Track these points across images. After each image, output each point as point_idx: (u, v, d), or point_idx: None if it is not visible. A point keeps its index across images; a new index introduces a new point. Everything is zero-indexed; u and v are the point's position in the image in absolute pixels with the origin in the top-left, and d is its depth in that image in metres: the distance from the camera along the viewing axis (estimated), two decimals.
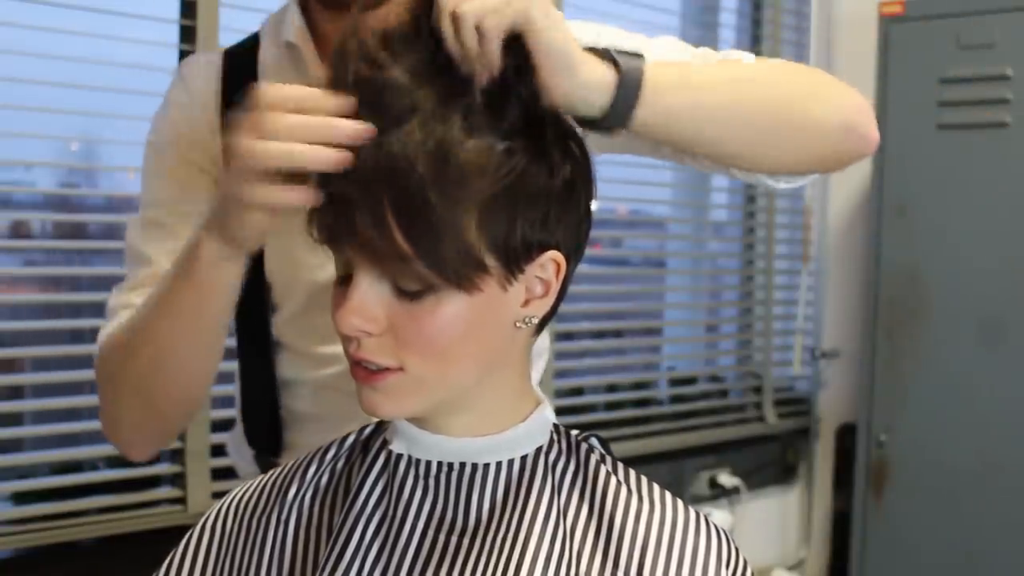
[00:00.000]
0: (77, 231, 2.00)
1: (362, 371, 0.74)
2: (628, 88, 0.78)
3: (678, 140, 0.85)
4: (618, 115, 0.79)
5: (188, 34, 1.89)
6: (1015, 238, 2.39)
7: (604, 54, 0.79)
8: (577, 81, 0.75)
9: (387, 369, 0.73)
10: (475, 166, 0.68)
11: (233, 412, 2.06)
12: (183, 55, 1.89)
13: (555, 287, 0.75)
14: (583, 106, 0.77)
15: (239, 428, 1.18)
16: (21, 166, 1.95)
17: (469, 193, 0.68)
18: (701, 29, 2.91)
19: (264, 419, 1.13)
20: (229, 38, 1.90)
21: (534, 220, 0.71)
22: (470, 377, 0.75)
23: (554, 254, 0.74)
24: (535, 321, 0.77)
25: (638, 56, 0.80)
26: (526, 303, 0.75)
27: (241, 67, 1.10)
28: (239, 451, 1.19)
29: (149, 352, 0.92)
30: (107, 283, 2.03)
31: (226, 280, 0.85)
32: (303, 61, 1.08)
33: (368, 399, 0.74)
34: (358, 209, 0.69)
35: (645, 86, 0.79)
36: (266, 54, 1.11)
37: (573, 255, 0.77)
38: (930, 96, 2.50)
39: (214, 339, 0.93)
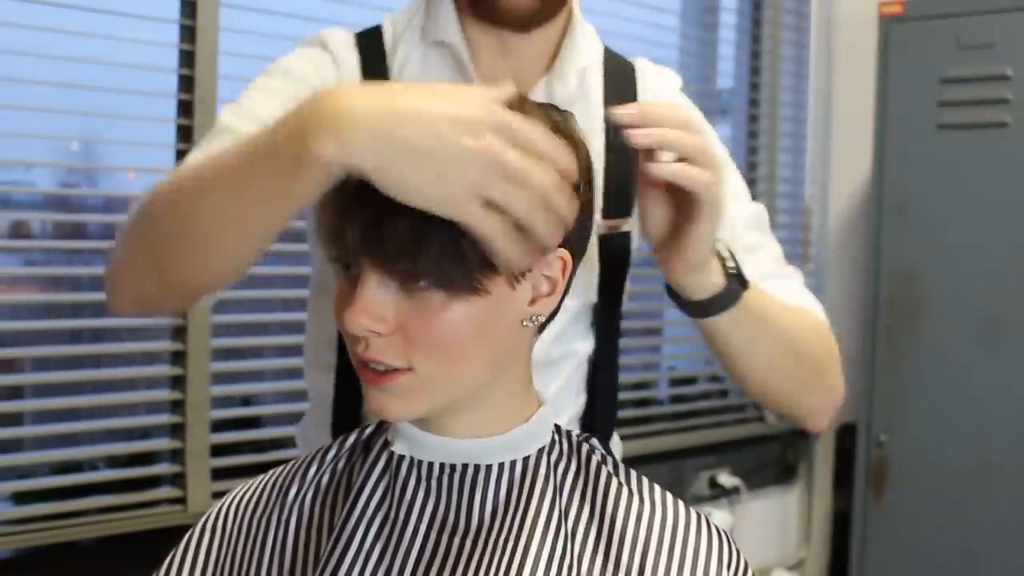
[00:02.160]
0: (77, 231, 2.00)
1: (370, 372, 0.73)
2: (722, 304, 0.91)
3: (723, 351, 0.97)
4: (700, 313, 0.92)
5: (188, 34, 1.89)
6: (1015, 238, 2.39)
7: (725, 262, 0.91)
8: (697, 277, 0.88)
9: (396, 370, 0.72)
10: None
11: (233, 413, 2.07)
12: (183, 55, 1.89)
13: (561, 285, 0.76)
14: (681, 290, 0.90)
15: (318, 420, 1.12)
16: (21, 166, 1.95)
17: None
18: (701, 29, 2.91)
19: (353, 415, 1.11)
20: (229, 38, 1.90)
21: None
22: (479, 377, 0.75)
23: (561, 252, 0.74)
24: (541, 319, 0.77)
25: (744, 281, 0.92)
26: (533, 301, 0.75)
27: (372, 55, 1.07)
28: (311, 444, 1.16)
29: (180, 222, 0.80)
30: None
31: (316, 187, 0.70)
32: (463, 64, 1.04)
33: (376, 400, 0.74)
34: (368, 217, 0.69)
35: (735, 308, 0.91)
36: (406, 50, 1.07)
37: (578, 252, 0.77)
38: (930, 96, 2.50)
39: (257, 243, 0.79)
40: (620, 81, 1.09)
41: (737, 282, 0.91)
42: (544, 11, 1.01)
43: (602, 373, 1.10)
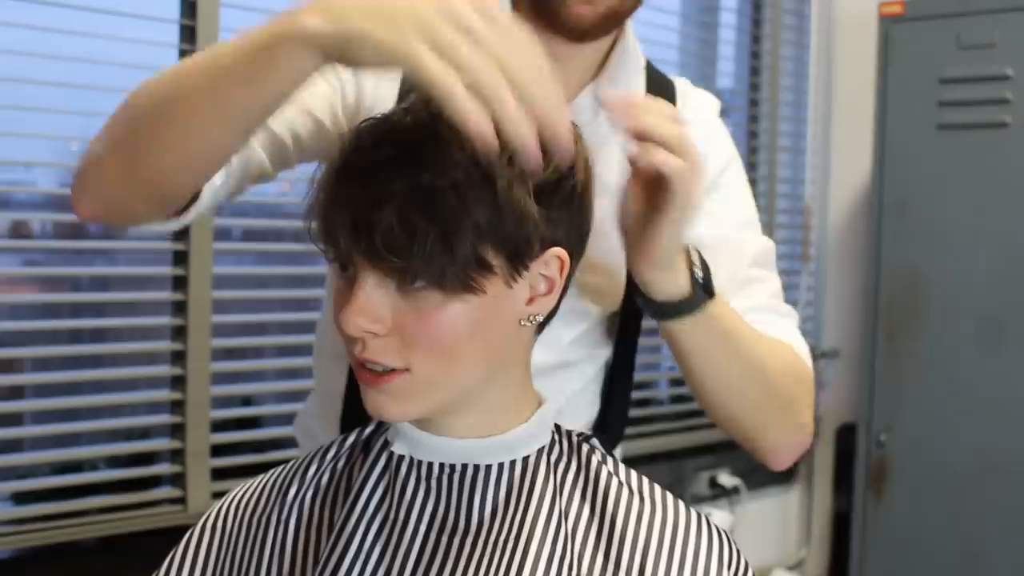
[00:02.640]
0: (77, 231, 2.00)
1: (367, 373, 0.73)
2: (682, 308, 0.89)
3: (682, 360, 0.96)
4: (659, 315, 0.90)
5: (188, 34, 1.89)
6: (1015, 238, 2.39)
7: (693, 268, 0.89)
8: (662, 275, 0.87)
9: (393, 371, 0.72)
10: (480, 177, 0.69)
11: (233, 413, 2.07)
12: (183, 55, 1.89)
13: (559, 284, 0.76)
14: (644, 289, 0.88)
15: (327, 411, 1.11)
16: (21, 166, 1.95)
17: (474, 204, 0.68)
18: (701, 29, 2.91)
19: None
20: (229, 38, 1.91)
21: (538, 219, 0.71)
22: (476, 377, 0.75)
23: (558, 251, 0.74)
24: (539, 319, 0.77)
25: (710, 290, 0.90)
26: (530, 301, 0.75)
27: None
28: (313, 436, 1.14)
29: (161, 108, 0.79)
30: (107, 283, 2.04)
31: (298, 66, 0.70)
32: None
33: (374, 401, 0.74)
34: (359, 217, 0.69)
35: (695, 317, 0.90)
36: None
37: (576, 251, 0.77)
38: (930, 96, 2.50)
39: (236, 130, 0.78)
40: (661, 99, 1.09)
41: (701, 289, 0.89)
42: (604, 26, 1.01)
43: (618, 381, 1.10)
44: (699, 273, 0.89)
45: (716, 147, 1.10)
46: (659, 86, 1.10)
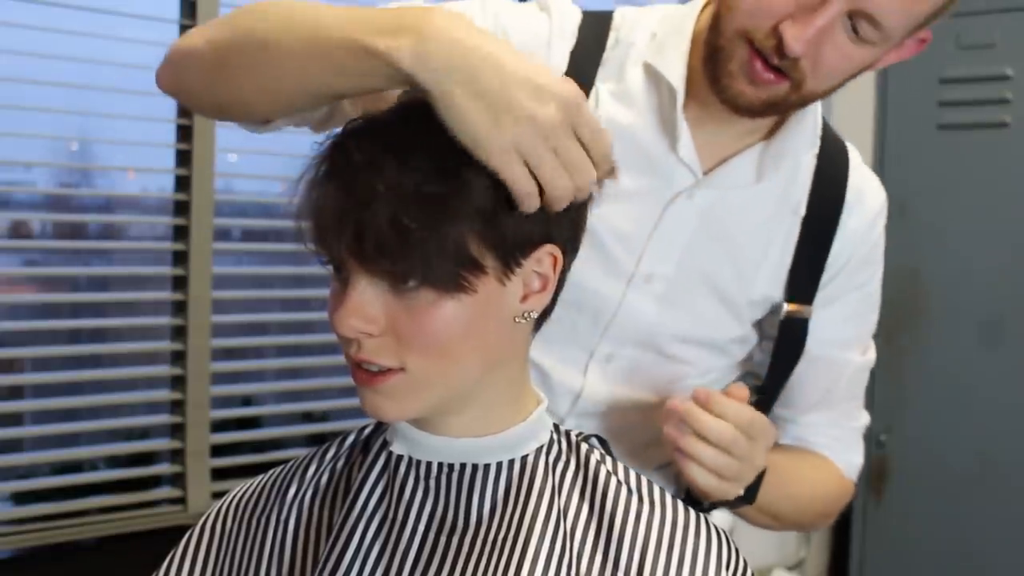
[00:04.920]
0: (77, 231, 2.00)
1: (363, 374, 0.73)
2: (724, 506, 0.99)
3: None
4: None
5: None
6: (1015, 238, 2.39)
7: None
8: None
9: (389, 370, 0.72)
10: (471, 177, 0.69)
11: (233, 413, 2.07)
12: None
13: (553, 281, 0.75)
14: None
15: None
16: (21, 166, 1.95)
17: (462, 204, 0.68)
18: None
19: None
20: None
21: (530, 215, 0.71)
22: (472, 375, 0.75)
23: (551, 248, 0.74)
24: (534, 315, 0.77)
25: (751, 500, 0.98)
26: (524, 298, 0.75)
27: (591, 40, 1.03)
28: None
29: (261, 48, 0.80)
30: (107, 283, 2.04)
31: (376, 82, 0.74)
32: (665, 94, 0.99)
33: (371, 402, 0.74)
34: (349, 219, 0.68)
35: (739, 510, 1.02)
36: (620, 55, 1.02)
37: (570, 247, 0.77)
38: (930, 96, 2.50)
39: (301, 101, 0.81)
40: (831, 179, 1.07)
41: (743, 501, 0.97)
42: (764, 111, 0.97)
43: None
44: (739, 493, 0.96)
45: (867, 256, 1.11)
46: (832, 154, 1.07)
